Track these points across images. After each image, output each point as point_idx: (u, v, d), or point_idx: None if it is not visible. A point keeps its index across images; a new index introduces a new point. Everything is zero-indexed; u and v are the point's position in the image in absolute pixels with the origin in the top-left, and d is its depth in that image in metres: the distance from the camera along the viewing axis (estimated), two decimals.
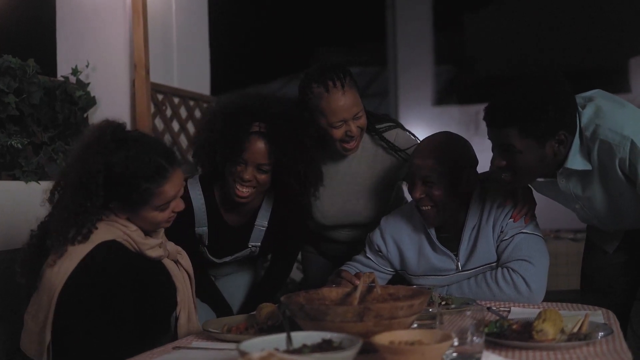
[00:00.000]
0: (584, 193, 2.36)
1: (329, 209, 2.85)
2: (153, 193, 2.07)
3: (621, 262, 2.63)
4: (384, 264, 2.60)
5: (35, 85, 2.98)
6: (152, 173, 2.06)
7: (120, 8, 3.50)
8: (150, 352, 1.81)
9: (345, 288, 1.94)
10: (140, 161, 2.06)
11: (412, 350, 1.42)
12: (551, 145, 2.21)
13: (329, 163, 2.82)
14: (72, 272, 1.97)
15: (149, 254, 2.12)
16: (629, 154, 2.17)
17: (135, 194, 2.06)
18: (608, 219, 2.47)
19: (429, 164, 2.40)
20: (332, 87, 2.58)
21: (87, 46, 3.51)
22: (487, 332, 1.74)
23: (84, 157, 2.05)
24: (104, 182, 2.02)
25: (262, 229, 2.72)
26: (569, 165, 2.26)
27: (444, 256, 2.50)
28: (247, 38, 12.90)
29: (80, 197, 2.02)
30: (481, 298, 2.37)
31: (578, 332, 1.73)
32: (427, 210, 2.44)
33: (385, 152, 2.82)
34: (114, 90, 3.47)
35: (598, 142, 2.21)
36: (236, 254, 2.76)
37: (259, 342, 1.49)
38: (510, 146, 2.20)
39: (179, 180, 2.14)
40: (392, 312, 1.58)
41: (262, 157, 2.51)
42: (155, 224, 2.15)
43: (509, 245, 2.41)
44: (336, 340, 1.49)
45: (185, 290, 2.23)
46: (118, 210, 2.09)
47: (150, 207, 2.09)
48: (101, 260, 2.00)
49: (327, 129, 2.63)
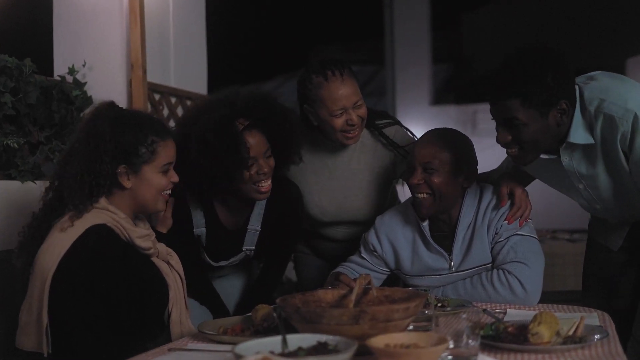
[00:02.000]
0: (588, 171, 2.36)
1: (328, 205, 2.86)
2: (158, 147, 2.18)
3: (623, 262, 2.63)
4: (379, 263, 2.60)
5: (31, 85, 2.97)
6: (157, 127, 2.22)
7: (117, 8, 3.49)
8: (145, 354, 1.81)
9: (341, 290, 1.95)
10: (145, 118, 2.25)
11: (408, 354, 1.43)
12: (554, 115, 2.22)
13: (329, 159, 2.83)
14: (64, 255, 2.02)
15: (139, 243, 2.15)
16: (631, 126, 2.18)
17: (142, 147, 2.15)
18: (611, 202, 2.46)
19: (432, 151, 2.42)
20: (331, 75, 2.61)
21: (84, 46, 3.51)
22: (483, 334, 1.74)
23: (89, 127, 2.17)
24: (112, 146, 2.13)
25: (256, 233, 2.72)
26: (572, 139, 2.27)
27: (437, 255, 2.50)
28: (245, 37, 12.90)
29: (89, 162, 2.11)
30: (477, 299, 2.37)
31: (573, 334, 1.74)
32: (423, 199, 2.44)
33: (384, 147, 2.83)
34: (111, 89, 3.46)
35: (602, 116, 2.23)
36: (232, 258, 2.76)
37: (254, 345, 1.50)
38: (514, 119, 2.21)
39: (174, 147, 2.26)
40: (387, 315, 1.58)
41: (263, 144, 2.53)
42: (158, 190, 2.21)
43: (504, 247, 2.41)
44: (332, 343, 1.50)
45: (177, 289, 2.26)
46: (124, 176, 2.15)
47: (154, 165, 2.18)
48: (93, 243, 2.04)
49: (327, 120, 2.65)
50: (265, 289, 2.84)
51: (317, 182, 2.85)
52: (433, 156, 2.41)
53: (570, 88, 2.25)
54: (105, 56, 3.50)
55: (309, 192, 2.84)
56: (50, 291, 2.00)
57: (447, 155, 2.42)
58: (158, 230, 2.62)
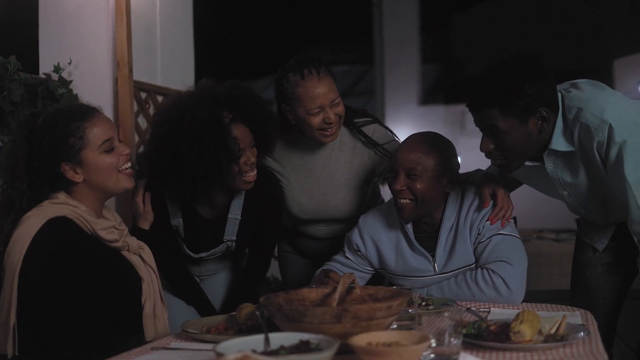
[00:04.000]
0: (571, 179, 2.41)
1: (307, 202, 2.86)
2: (86, 130, 2.10)
3: (609, 262, 2.66)
4: (363, 263, 2.61)
5: (16, 83, 2.96)
6: (77, 112, 2.14)
7: (103, 5, 3.48)
8: (128, 353, 1.80)
9: (325, 289, 1.94)
10: (61, 110, 2.17)
11: (389, 352, 1.43)
12: (534, 122, 2.26)
13: (307, 157, 2.83)
14: (27, 250, 1.95)
15: (103, 235, 2.10)
16: (606, 137, 2.22)
17: (69, 137, 2.08)
18: (594, 208, 2.51)
19: (415, 157, 2.42)
20: (308, 74, 2.61)
21: (69, 44, 3.49)
22: (465, 333, 1.75)
23: (9, 144, 2.14)
24: (29, 159, 2.07)
25: (236, 222, 2.71)
26: (553, 146, 2.32)
27: (421, 256, 2.50)
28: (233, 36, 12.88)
29: (7, 178, 2.08)
30: (461, 299, 2.38)
31: (555, 333, 1.74)
32: (405, 204, 2.45)
33: (363, 145, 2.83)
34: (97, 88, 3.44)
35: (579, 124, 2.27)
36: (213, 249, 2.75)
37: (237, 344, 1.49)
38: (495, 127, 2.27)
39: (107, 120, 2.19)
40: (370, 314, 1.58)
41: (248, 135, 2.55)
42: (109, 169, 2.14)
43: (487, 246, 2.42)
44: (314, 341, 1.49)
45: (150, 282, 2.21)
46: (70, 171, 2.09)
47: (91, 148, 2.11)
48: (54, 234, 1.99)
49: (305, 118, 2.65)
50: (250, 283, 2.84)
51: (296, 180, 2.85)
52: (416, 162, 2.41)
53: (551, 95, 2.28)
54: (91, 54, 3.48)
55: (288, 190, 2.85)
56: (19, 289, 1.94)
57: (431, 161, 2.42)
58: (140, 226, 2.62)
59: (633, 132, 2.22)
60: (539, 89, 2.23)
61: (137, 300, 2.17)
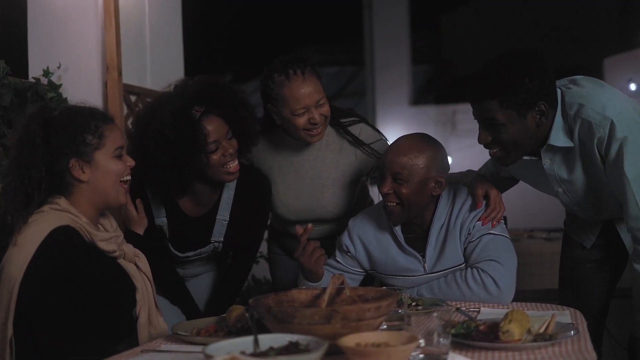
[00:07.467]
0: (567, 176, 2.42)
1: (294, 202, 2.86)
2: (105, 131, 2.11)
3: (597, 259, 2.68)
4: (353, 264, 2.61)
5: (5, 87, 2.95)
6: (97, 114, 2.15)
7: (92, 9, 3.48)
8: (119, 356, 1.80)
9: (314, 290, 1.95)
10: (81, 108, 2.16)
11: (378, 352, 1.43)
12: (532, 116, 2.28)
13: (294, 157, 2.83)
14: (31, 260, 1.93)
15: (102, 246, 2.10)
16: (607, 133, 2.24)
17: (88, 134, 2.09)
18: (589, 205, 2.52)
19: (401, 161, 2.42)
20: (293, 74, 2.61)
21: (58, 47, 3.48)
22: (454, 333, 1.75)
23: (20, 135, 2.10)
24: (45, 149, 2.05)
25: (224, 223, 2.72)
26: (552, 141, 2.33)
27: (410, 257, 2.51)
28: (223, 38, 12.86)
29: (22, 168, 2.05)
30: (451, 298, 2.39)
31: (544, 332, 1.75)
32: (392, 207, 2.45)
33: (350, 145, 2.83)
34: (86, 91, 3.44)
35: (580, 121, 2.29)
36: (199, 249, 2.76)
37: (226, 345, 1.49)
38: (493, 119, 2.28)
39: (121, 129, 2.23)
40: (359, 315, 1.59)
41: (223, 127, 2.55)
42: (116, 175, 2.14)
43: (477, 246, 2.43)
44: (303, 342, 1.50)
45: (145, 291, 2.21)
46: (77, 169, 2.08)
47: (106, 150, 2.11)
48: (60, 245, 1.97)
49: (290, 119, 2.65)
50: (234, 282, 2.84)
51: (282, 180, 2.85)
52: (402, 167, 2.41)
53: (550, 90, 2.30)
54: (80, 58, 3.48)
55: (275, 191, 2.85)
56: (18, 299, 1.92)
57: (417, 166, 2.41)
58: (135, 231, 2.62)
59: (633, 129, 2.24)
60: (539, 84, 2.25)
61: (130, 309, 2.18)
